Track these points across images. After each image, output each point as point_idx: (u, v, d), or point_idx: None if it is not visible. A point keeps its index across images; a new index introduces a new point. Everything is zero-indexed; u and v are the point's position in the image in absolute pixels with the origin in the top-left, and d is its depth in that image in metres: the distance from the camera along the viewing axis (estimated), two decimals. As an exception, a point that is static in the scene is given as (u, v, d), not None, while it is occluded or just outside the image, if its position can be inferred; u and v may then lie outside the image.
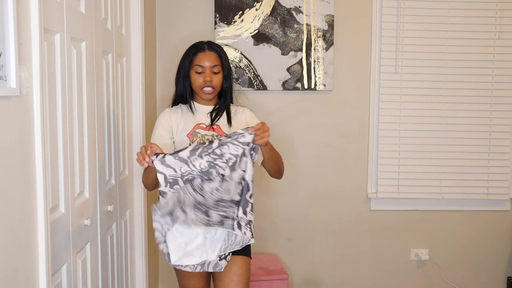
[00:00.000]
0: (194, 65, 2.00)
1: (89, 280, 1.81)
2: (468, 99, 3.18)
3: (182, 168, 1.78)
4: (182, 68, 2.04)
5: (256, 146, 1.81)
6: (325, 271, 3.30)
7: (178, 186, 1.78)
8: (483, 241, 3.32)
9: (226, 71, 2.04)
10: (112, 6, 2.12)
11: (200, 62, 1.99)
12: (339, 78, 3.16)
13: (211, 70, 1.99)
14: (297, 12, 3.07)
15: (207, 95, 2.01)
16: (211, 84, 1.98)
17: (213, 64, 1.99)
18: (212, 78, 1.99)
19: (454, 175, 3.22)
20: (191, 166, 1.78)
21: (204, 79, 1.98)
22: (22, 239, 1.26)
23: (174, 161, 1.77)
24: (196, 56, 2.01)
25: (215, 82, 2.00)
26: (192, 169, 1.78)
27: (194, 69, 2.00)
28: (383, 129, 3.19)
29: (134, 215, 2.53)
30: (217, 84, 2.01)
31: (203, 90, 2.00)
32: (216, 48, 2.05)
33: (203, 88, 1.99)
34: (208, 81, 1.98)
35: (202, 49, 2.02)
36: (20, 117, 1.25)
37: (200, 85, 1.99)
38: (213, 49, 2.03)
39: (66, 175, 1.57)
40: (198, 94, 2.04)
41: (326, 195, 3.24)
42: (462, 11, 3.13)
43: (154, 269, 2.98)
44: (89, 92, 1.78)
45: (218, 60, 2.02)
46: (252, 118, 2.09)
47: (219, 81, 2.01)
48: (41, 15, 1.30)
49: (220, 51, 2.04)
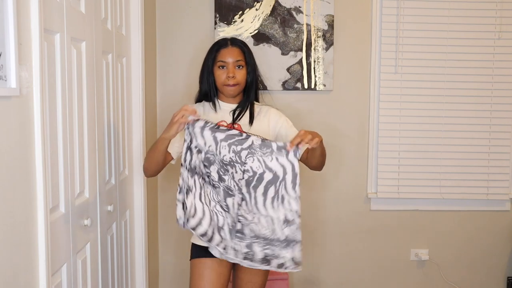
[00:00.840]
0: (217, 61, 2.00)
1: (89, 280, 1.81)
2: (468, 99, 3.18)
3: (210, 146, 1.77)
4: (206, 65, 2.04)
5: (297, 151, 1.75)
6: (325, 271, 3.30)
7: (196, 164, 1.78)
8: (483, 241, 3.32)
9: (250, 67, 2.03)
10: (112, 6, 2.12)
11: (223, 58, 1.99)
12: (339, 78, 3.16)
13: (234, 66, 1.98)
14: (297, 12, 3.07)
15: (230, 91, 1.99)
16: (234, 79, 1.97)
17: (236, 59, 1.99)
18: (235, 74, 1.98)
19: (454, 175, 3.22)
20: (217, 150, 1.77)
21: (227, 75, 1.97)
22: (22, 239, 1.26)
23: (209, 135, 1.76)
24: (219, 52, 2.00)
25: (239, 77, 1.99)
26: (216, 153, 1.77)
27: (218, 65, 1.99)
28: (383, 129, 3.19)
29: (134, 215, 2.53)
30: (241, 80, 2.00)
31: (226, 86, 1.99)
32: (239, 43, 2.04)
33: (227, 84, 1.98)
34: (231, 76, 1.97)
35: (225, 45, 2.01)
36: (20, 117, 1.25)
37: (224, 81, 1.98)
38: (236, 45, 2.02)
39: (66, 175, 1.57)
40: (222, 90, 2.02)
41: (326, 195, 3.24)
42: (462, 11, 3.13)
43: (154, 269, 2.98)
44: (89, 92, 1.77)
45: (241, 55, 2.01)
46: (277, 118, 2.05)
47: (242, 76, 2.00)
48: (41, 15, 1.30)
49: (244, 47, 2.04)
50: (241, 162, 1.76)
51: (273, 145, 1.75)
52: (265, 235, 1.80)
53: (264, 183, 1.77)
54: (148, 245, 2.67)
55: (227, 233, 1.82)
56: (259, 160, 1.75)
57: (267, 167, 1.75)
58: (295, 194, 1.78)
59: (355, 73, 3.19)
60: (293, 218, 1.79)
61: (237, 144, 1.76)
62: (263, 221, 1.79)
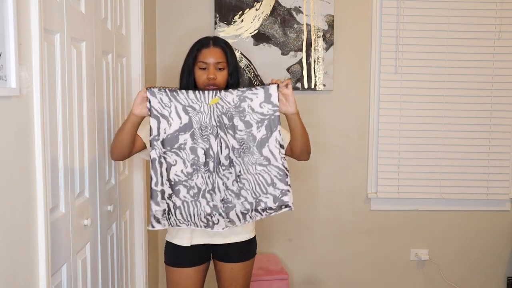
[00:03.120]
0: (198, 61, 1.95)
1: (89, 280, 1.81)
2: (468, 99, 3.18)
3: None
4: (187, 64, 1.99)
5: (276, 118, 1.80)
6: (325, 271, 3.30)
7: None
8: (483, 241, 3.32)
9: (232, 68, 1.97)
10: (112, 6, 2.12)
11: (204, 58, 1.93)
12: (339, 78, 3.16)
13: (215, 67, 1.93)
14: (297, 12, 3.07)
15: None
16: (214, 81, 1.92)
17: (217, 61, 1.93)
18: (216, 75, 1.92)
19: (454, 175, 3.22)
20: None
21: (208, 76, 1.92)
22: (22, 239, 1.26)
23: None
24: (200, 52, 1.95)
25: (219, 79, 1.93)
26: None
27: (198, 66, 1.94)
28: (383, 129, 3.19)
29: (134, 215, 2.53)
30: (221, 82, 1.94)
31: (206, 88, 1.93)
32: (222, 44, 1.98)
33: (207, 85, 1.93)
34: (212, 78, 1.91)
35: (206, 45, 1.96)
36: (20, 117, 1.25)
37: (204, 82, 1.93)
38: (218, 45, 1.97)
39: (66, 175, 1.57)
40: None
41: (326, 195, 3.24)
42: (462, 11, 3.13)
43: (154, 269, 2.98)
44: (89, 92, 1.77)
45: (223, 56, 1.95)
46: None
47: (223, 78, 1.95)
48: (41, 15, 1.30)
49: (226, 47, 1.98)
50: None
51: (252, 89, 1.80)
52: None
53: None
54: (148, 245, 2.67)
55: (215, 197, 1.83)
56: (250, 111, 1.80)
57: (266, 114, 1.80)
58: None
59: (355, 73, 3.19)
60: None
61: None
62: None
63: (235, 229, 1.97)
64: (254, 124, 1.79)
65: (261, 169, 1.80)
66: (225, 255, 2.02)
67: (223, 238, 1.99)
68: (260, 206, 1.82)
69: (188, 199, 1.80)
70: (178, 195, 1.79)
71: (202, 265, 2.04)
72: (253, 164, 1.80)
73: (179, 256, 2.01)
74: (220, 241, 1.99)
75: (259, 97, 1.78)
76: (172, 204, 1.80)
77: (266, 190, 1.81)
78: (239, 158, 1.80)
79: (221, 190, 1.80)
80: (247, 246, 2.04)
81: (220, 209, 1.81)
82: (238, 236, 2.00)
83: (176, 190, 1.79)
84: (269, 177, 1.80)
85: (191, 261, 2.01)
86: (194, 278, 2.03)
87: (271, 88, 1.78)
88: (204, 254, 2.03)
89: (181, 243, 1.99)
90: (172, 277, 2.04)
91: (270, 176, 1.80)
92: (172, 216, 1.81)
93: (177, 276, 2.02)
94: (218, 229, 1.83)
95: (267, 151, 1.80)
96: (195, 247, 2.00)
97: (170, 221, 1.82)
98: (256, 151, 1.80)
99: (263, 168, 1.80)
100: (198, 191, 1.80)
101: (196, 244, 1.99)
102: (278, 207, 1.82)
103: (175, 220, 1.82)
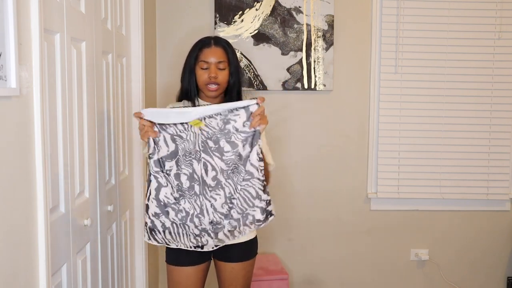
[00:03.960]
0: (199, 60, 1.96)
1: (89, 280, 1.81)
2: (468, 99, 3.18)
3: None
4: (188, 63, 2.00)
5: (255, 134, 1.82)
6: (325, 271, 3.30)
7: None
8: (483, 241, 3.32)
9: (233, 68, 1.99)
10: (112, 6, 2.12)
11: (205, 57, 1.95)
12: (339, 78, 3.16)
13: (217, 66, 1.95)
14: (297, 12, 3.07)
15: (211, 92, 1.97)
16: (215, 80, 1.94)
17: (218, 60, 1.95)
18: (217, 74, 1.94)
19: (454, 175, 3.22)
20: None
21: (209, 75, 1.94)
22: (22, 239, 1.26)
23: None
24: (201, 51, 1.97)
25: (220, 78, 1.95)
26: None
27: (199, 65, 1.96)
28: (383, 129, 3.19)
29: (134, 215, 2.53)
30: (223, 81, 1.96)
31: (207, 87, 1.96)
32: (223, 43, 2.00)
33: (208, 84, 1.95)
34: (213, 77, 1.93)
35: (208, 45, 1.98)
36: (20, 117, 1.25)
37: (205, 81, 1.95)
38: (220, 45, 1.98)
39: (66, 175, 1.57)
40: (203, 90, 2.00)
41: (326, 195, 3.24)
42: (462, 11, 3.13)
43: (154, 269, 2.98)
44: (89, 92, 1.77)
45: (224, 56, 1.97)
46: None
47: (224, 77, 1.97)
48: (41, 15, 1.30)
49: (227, 47, 1.99)
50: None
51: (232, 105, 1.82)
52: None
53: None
54: (148, 245, 2.67)
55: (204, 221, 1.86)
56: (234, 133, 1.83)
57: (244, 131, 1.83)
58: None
59: (355, 73, 3.19)
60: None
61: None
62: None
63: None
64: (240, 143, 1.82)
65: (245, 183, 1.83)
66: (225, 255, 2.02)
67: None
68: (248, 219, 1.86)
69: (177, 222, 1.85)
70: (168, 216, 1.85)
71: (202, 264, 2.04)
72: (240, 182, 1.83)
73: (179, 255, 2.01)
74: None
75: (242, 117, 1.81)
76: (160, 224, 1.85)
77: (252, 203, 1.85)
78: (229, 180, 1.83)
79: (210, 213, 1.84)
80: (248, 246, 2.04)
81: (209, 231, 1.86)
82: (238, 238, 2.00)
83: (165, 211, 1.85)
84: (254, 190, 1.84)
85: (191, 260, 2.01)
86: (195, 277, 2.03)
87: (252, 106, 1.81)
88: (204, 254, 2.03)
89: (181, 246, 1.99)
90: (172, 276, 2.04)
91: (254, 189, 1.84)
92: (160, 235, 1.87)
93: (177, 275, 2.03)
94: (208, 249, 1.90)
95: (249, 165, 1.83)
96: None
97: (157, 239, 1.87)
98: (242, 169, 1.83)
99: (247, 182, 1.83)
100: (186, 215, 1.85)
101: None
102: (265, 218, 1.87)
103: (162, 239, 1.88)
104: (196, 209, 1.84)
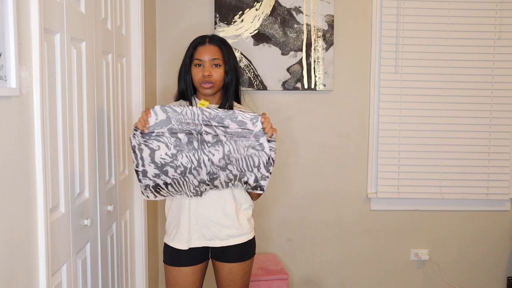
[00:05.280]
0: (194, 59, 1.95)
1: (89, 280, 1.81)
2: (468, 99, 3.18)
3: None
4: (184, 63, 1.99)
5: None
6: (325, 271, 3.30)
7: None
8: (483, 241, 3.32)
9: (228, 66, 1.96)
10: (112, 6, 2.12)
11: (200, 55, 1.94)
12: (339, 78, 3.16)
13: (211, 64, 1.93)
14: (297, 12, 3.07)
15: (206, 90, 1.94)
16: (209, 79, 1.92)
17: (212, 58, 1.93)
18: (211, 72, 1.92)
19: (454, 175, 3.22)
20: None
21: (203, 73, 1.92)
22: (22, 239, 1.26)
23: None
24: (196, 49, 1.96)
25: (215, 76, 1.93)
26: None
27: (194, 63, 1.95)
28: (383, 129, 3.19)
29: (134, 215, 2.53)
30: (217, 79, 1.94)
31: (202, 85, 1.94)
32: (218, 41, 1.98)
33: (202, 83, 1.93)
34: (207, 75, 1.91)
35: (202, 43, 1.97)
36: (20, 117, 1.25)
37: (199, 80, 1.93)
38: (214, 43, 1.96)
39: (66, 175, 1.57)
40: (199, 89, 1.98)
41: (326, 195, 3.24)
42: (462, 11, 3.13)
43: (154, 269, 2.98)
44: (89, 92, 1.77)
45: (219, 53, 1.95)
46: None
47: (219, 75, 1.94)
48: (41, 15, 1.30)
49: (222, 45, 1.97)
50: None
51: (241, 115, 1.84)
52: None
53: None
54: (148, 245, 2.67)
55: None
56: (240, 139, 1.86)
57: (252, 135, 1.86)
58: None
59: (355, 73, 3.19)
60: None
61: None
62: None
63: (233, 232, 1.98)
64: (249, 122, 1.82)
65: (253, 152, 1.85)
66: (223, 255, 2.02)
67: (221, 241, 1.99)
68: (244, 179, 1.90)
69: (177, 176, 1.87)
70: (167, 175, 1.87)
71: (200, 264, 2.04)
72: (246, 147, 1.85)
73: (177, 255, 2.01)
74: (218, 244, 1.99)
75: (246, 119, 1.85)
76: (162, 182, 1.88)
77: (251, 169, 1.88)
78: (231, 140, 1.84)
79: (207, 165, 1.86)
80: (246, 247, 2.04)
81: (207, 181, 1.89)
82: (236, 239, 2.00)
83: (165, 171, 1.86)
84: (258, 161, 1.86)
85: (189, 261, 2.01)
86: (193, 277, 2.03)
87: (257, 126, 1.84)
88: (202, 254, 2.04)
89: (179, 246, 1.99)
90: (170, 276, 2.04)
91: (259, 160, 1.86)
92: (163, 190, 1.90)
93: (175, 275, 2.03)
94: (204, 197, 1.94)
95: (264, 140, 1.84)
96: (193, 248, 2.00)
97: (162, 194, 1.91)
98: (253, 139, 1.84)
99: (255, 151, 1.85)
100: (184, 169, 1.86)
101: (194, 247, 2.00)
102: (255, 187, 1.92)
103: (167, 192, 1.92)
104: (193, 163, 1.85)
